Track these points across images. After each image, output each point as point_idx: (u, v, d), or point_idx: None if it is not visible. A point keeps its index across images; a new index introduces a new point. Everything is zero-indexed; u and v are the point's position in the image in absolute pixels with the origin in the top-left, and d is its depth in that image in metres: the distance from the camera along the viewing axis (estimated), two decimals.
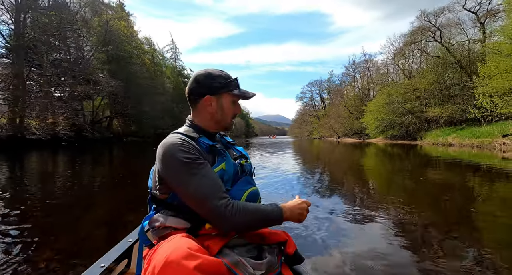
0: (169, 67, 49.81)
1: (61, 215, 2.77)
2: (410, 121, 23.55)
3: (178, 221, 0.75)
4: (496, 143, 13.69)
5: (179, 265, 0.53)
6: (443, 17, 21.56)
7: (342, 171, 6.99)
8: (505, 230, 2.52)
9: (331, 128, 41.89)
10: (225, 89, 0.85)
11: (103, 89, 19.70)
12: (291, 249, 0.82)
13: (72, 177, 5.32)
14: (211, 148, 0.81)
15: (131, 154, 11.80)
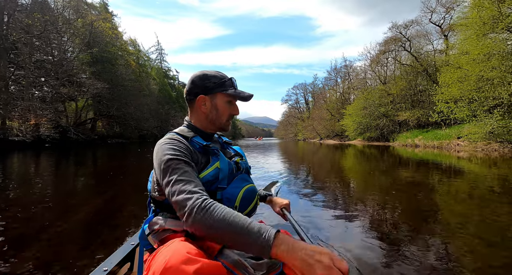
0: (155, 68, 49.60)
1: (37, 220, 2.65)
2: (384, 124, 25.39)
3: (177, 223, 0.75)
4: (452, 144, 15.45)
5: (179, 270, 0.53)
6: (412, 29, 23.62)
7: (323, 170, 7.41)
8: (461, 218, 2.81)
9: (314, 130, 43.58)
10: (219, 89, 0.85)
11: (88, 90, 19.80)
12: None
13: (52, 179, 5.21)
14: (204, 148, 0.81)
15: (115, 156, 11.91)
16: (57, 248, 2.00)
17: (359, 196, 3.83)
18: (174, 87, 60.71)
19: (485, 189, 4.21)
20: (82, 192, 4.10)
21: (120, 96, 24.65)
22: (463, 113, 13.35)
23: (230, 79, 0.88)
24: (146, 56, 47.38)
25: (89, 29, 22.54)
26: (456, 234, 2.28)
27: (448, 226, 2.52)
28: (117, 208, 3.19)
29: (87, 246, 2.02)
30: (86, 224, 2.61)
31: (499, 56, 10.65)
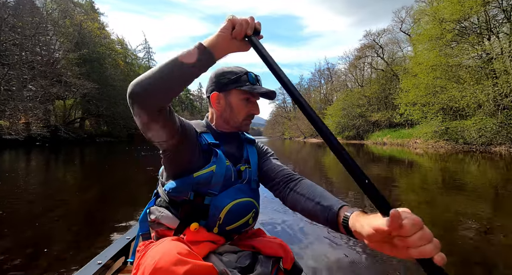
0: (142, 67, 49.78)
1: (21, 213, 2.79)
2: (360, 123, 27.54)
3: (170, 219, 0.74)
4: (411, 142, 17.57)
5: (168, 271, 0.52)
6: (385, 36, 25.80)
7: (306, 168, 7.95)
8: (413, 201, 3.49)
9: (298, 129, 45.55)
10: (234, 85, 0.77)
11: (78, 90, 20.49)
12: (288, 264, 0.74)
13: (43, 175, 5.48)
14: (209, 146, 0.76)
15: (105, 154, 12.53)
16: (48, 242, 2.05)
17: (335, 187, 4.68)
18: None
19: (431, 179, 5.39)
20: (71, 188, 4.27)
21: (109, 95, 25.32)
22: (417, 115, 15.38)
23: (246, 73, 0.78)
24: (133, 54, 47.51)
25: (78, 29, 23.07)
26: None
27: (405, 206, 3.46)
28: (105, 203, 3.36)
29: (78, 239, 2.09)
30: (75, 218, 2.70)
31: (442, 68, 12.62)
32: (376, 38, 25.66)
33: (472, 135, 11.46)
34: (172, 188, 0.73)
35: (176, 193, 0.73)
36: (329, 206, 0.62)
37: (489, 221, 2.70)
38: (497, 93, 10.19)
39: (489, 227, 2.52)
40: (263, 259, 0.71)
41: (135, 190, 4.27)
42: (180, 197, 0.74)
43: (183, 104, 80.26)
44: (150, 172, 5.92)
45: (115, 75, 26.81)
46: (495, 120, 10.61)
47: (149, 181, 4.97)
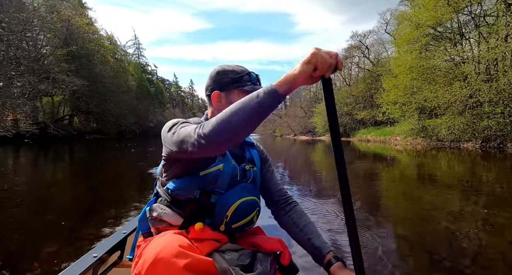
0: (132, 64, 49.13)
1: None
2: (347, 121, 28.54)
3: (173, 216, 0.75)
4: (392, 139, 18.59)
5: (169, 263, 0.53)
6: (371, 37, 26.76)
7: (296, 163, 8.45)
8: (393, 191, 4.09)
9: (289, 127, 46.37)
10: (236, 84, 0.79)
11: (67, 87, 20.41)
12: (286, 260, 0.78)
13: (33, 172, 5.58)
14: None
15: (96, 151, 12.76)
16: (39, 238, 2.08)
17: (320, 181, 5.16)
18: (153, 82, 60.21)
19: (407, 173, 6.06)
20: (63, 184, 4.37)
21: (99, 92, 25.22)
22: (397, 114, 16.33)
23: (248, 73, 0.80)
24: (123, 50, 46.87)
25: (66, 25, 22.81)
26: (387, 202, 3.49)
27: (384, 199, 3.70)
28: (98, 198, 3.45)
29: (68, 235, 2.12)
30: (66, 214, 2.75)
31: (419, 70, 13.52)
32: (362, 39, 26.59)
33: (443, 133, 12.44)
34: (177, 187, 0.74)
35: (182, 191, 0.74)
36: (318, 248, 0.80)
37: (455, 209, 3.13)
38: (463, 94, 11.13)
39: (455, 214, 2.90)
40: (262, 257, 0.73)
41: (126, 185, 4.56)
42: (185, 196, 0.74)
43: (174, 101, 79.64)
44: (141, 167, 6.41)
45: (105, 72, 26.64)
46: (462, 119, 11.58)
47: (140, 176, 5.41)
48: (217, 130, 0.59)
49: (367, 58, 26.66)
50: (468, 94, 10.97)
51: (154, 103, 49.01)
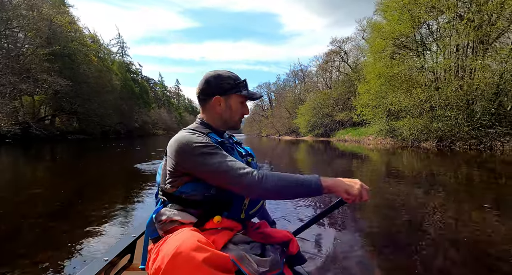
0: (116, 63, 48.34)
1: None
2: (328, 122, 30.08)
3: (185, 215, 0.78)
4: (366, 139, 20.15)
5: (189, 256, 0.55)
6: (349, 43, 28.45)
7: (282, 161, 9.50)
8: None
9: (274, 127, 47.63)
10: (234, 90, 0.89)
11: (50, 87, 20.28)
12: (295, 248, 0.84)
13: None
14: (220, 144, 0.84)
15: (82, 151, 12.92)
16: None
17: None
18: (137, 82, 59.34)
19: (377, 168, 7.00)
20: (52, 185, 4.35)
21: (83, 92, 25.04)
22: (369, 116, 17.82)
23: (244, 80, 0.91)
24: (106, 49, 46.06)
25: (48, 24, 22.56)
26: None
27: None
28: (90, 197, 3.49)
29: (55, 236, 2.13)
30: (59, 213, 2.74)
31: (385, 76, 14.98)
32: (341, 45, 28.25)
33: (405, 134, 13.96)
34: (193, 188, 0.78)
35: (199, 191, 0.78)
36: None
37: (411, 196, 3.71)
38: (419, 99, 12.65)
39: (411, 201, 3.44)
40: (271, 248, 0.78)
41: (115, 185, 4.70)
42: (202, 194, 0.78)
43: (160, 101, 78.65)
44: (129, 166, 7.04)
45: (89, 71, 26.46)
46: (420, 121, 13.11)
47: (129, 174, 5.61)
48: (270, 191, 0.71)
49: (346, 63, 28.35)
50: (423, 99, 12.49)
51: (139, 103, 48.47)
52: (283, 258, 0.81)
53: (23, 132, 18.14)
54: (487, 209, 2.97)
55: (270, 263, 0.72)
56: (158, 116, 58.91)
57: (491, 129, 10.76)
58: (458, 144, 12.29)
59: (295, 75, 48.14)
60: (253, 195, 0.75)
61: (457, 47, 12.29)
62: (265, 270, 0.70)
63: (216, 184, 0.77)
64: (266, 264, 0.71)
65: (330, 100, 30.42)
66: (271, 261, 0.73)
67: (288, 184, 0.73)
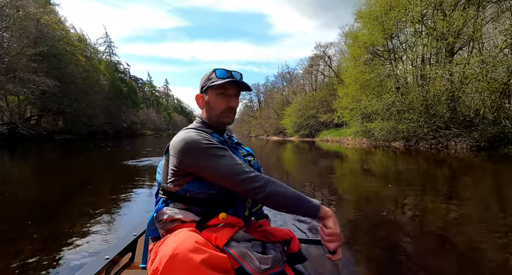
0: (103, 62, 47.87)
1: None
2: (313, 123, 31.43)
3: (187, 214, 0.78)
4: (345, 139, 21.52)
5: (186, 257, 0.55)
6: (333, 48, 29.94)
7: (270, 159, 10.32)
8: (344, 180, 5.59)
9: (262, 128, 48.71)
10: (207, 84, 0.88)
11: (38, 87, 20.35)
12: (296, 247, 0.84)
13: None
14: (222, 143, 0.85)
15: (72, 150, 13.26)
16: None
17: (291, 172, 6.86)
18: (125, 82, 58.80)
19: (352, 165, 8.08)
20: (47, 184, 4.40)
21: (71, 93, 25.10)
22: (347, 118, 19.17)
23: (214, 71, 0.88)
24: (93, 48, 45.58)
25: (35, 24, 22.54)
26: (338, 187, 4.67)
27: (337, 183, 5.03)
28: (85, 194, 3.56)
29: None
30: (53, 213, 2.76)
31: (360, 82, 16.30)
32: (325, 50, 29.69)
33: (376, 134, 15.32)
34: (197, 187, 0.79)
35: (203, 190, 0.79)
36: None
37: (378, 187, 4.47)
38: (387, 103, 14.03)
39: (380, 191, 4.10)
40: (272, 246, 0.79)
41: (113, 182, 4.90)
42: (207, 192, 0.79)
43: (148, 101, 77.97)
44: (123, 164, 7.75)
45: (77, 72, 26.50)
46: (390, 123, 14.48)
47: (124, 172, 5.88)
48: (273, 199, 0.76)
49: (330, 67, 29.78)
50: (391, 103, 13.87)
51: (127, 103, 48.18)
52: (283, 256, 0.80)
53: (10, 132, 18.20)
54: (445, 198, 3.62)
55: (272, 261, 0.72)
56: (147, 116, 58.60)
57: (447, 131, 12.20)
58: (421, 144, 13.72)
59: (283, 77, 49.47)
60: (256, 199, 0.77)
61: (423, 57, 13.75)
62: (266, 267, 0.70)
63: (221, 185, 0.78)
64: (268, 261, 0.71)
65: (315, 102, 31.80)
66: (272, 259, 0.73)
67: (292, 196, 0.76)
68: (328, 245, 0.74)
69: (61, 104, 24.35)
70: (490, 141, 10.71)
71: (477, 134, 11.17)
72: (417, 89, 12.79)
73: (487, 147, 10.79)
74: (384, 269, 1.79)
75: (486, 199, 3.77)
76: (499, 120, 10.46)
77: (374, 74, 14.53)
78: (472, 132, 11.41)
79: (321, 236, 0.77)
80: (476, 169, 6.92)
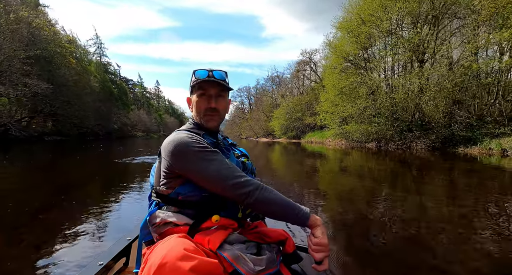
0: (94, 64, 47.90)
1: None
2: (299, 126, 32.92)
3: (180, 217, 0.77)
4: (327, 141, 23.03)
5: (175, 266, 0.55)
6: (318, 54, 31.62)
7: (260, 159, 12.07)
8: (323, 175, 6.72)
9: (252, 130, 49.96)
10: (192, 84, 0.88)
11: (30, 89, 20.84)
12: (291, 247, 0.84)
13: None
14: (216, 145, 0.86)
15: (62, 152, 13.53)
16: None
17: (277, 169, 7.81)
18: (116, 83, 58.71)
19: (331, 163, 9.24)
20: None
21: (63, 95, 25.58)
22: (328, 121, 20.66)
23: (193, 72, 0.87)
24: (83, 49, 45.63)
25: (27, 28, 22.98)
26: (318, 181, 5.57)
27: (320, 178, 5.95)
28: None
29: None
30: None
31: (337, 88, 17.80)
32: (311, 56, 31.32)
33: (351, 136, 16.83)
34: (190, 189, 0.79)
35: (196, 192, 0.79)
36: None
37: (353, 182, 5.18)
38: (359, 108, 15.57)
39: (355, 185, 4.76)
40: (267, 247, 0.78)
41: (105, 183, 4.99)
42: (199, 195, 0.79)
43: (139, 102, 77.80)
44: (116, 164, 8.66)
45: (69, 75, 26.98)
46: (363, 126, 16.00)
47: (117, 172, 6.19)
48: (261, 205, 0.76)
49: (315, 72, 31.41)
50: (362, 108, 15.41)
51: (118, 105, 48.32)
52: (279, 256, 0.80)
53: (2, 134, 18.65)
54: (407, 192, 4.33)
55: (266, 262, 0.72)
56: (138, 117, 58.72)
57: (410, 133, 13.79)
58: (390, 145, 15.28)
59: (272, 80, 50.98)
60: (244, 204, 0.76)
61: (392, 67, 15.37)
62: (261, 269, 0.69)
63: (210, 190, 0.77)
64: (262, 262, 0.71)
65: (301, 106, 33.33)
66: (267, 260, 0.73)
67: (281, 203, 0.76)
68: (314, 254, 0.74)
69: (53, 106, 24.81)
70: (442, 142, 12.33)
71: (434, 136, 12.77)
72: (384, 96, 14.36)
73: (440, 147, 12.40)
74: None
75: (440, 189, 4.54)
76: (450, 124, 12.07)
77: (349, 81, 16.04)
78: (430, 135, 13.01)
79: (309, 245, 0.76)
80: (433, 165, 8.18)
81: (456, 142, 11.78)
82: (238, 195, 0.75)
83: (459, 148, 11.52)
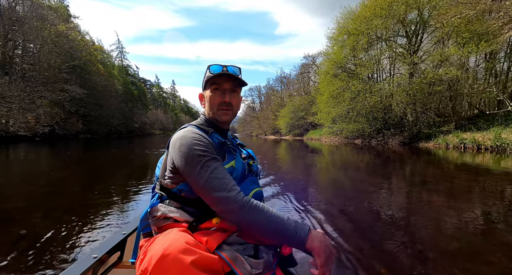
0: (117, 68, 52.45)
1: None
2: (303, 124, 35.30)
3: (181, 214, 0.77)
4: (323, 138, 25.43)
5: (176, 258, 0.55)
6: (320, 57, 33.72)
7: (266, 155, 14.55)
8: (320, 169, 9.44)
9: (260, 128, 52.78)
10: (206, 80, 0.89)
11: (70, 94, 24.97)
12: (287, 250, 0.81)
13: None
14: (222, 145, 0.85)
15: (103, 146, 16.24)
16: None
17: (280, 168, 11.00)
18: (135, 84, 63.33)
19: (326, 157, 11.38)
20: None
21: (96, 99, 29.82)
22: (323, 120, 23.08)
23: (208, 67, 0.87)
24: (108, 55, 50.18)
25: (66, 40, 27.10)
26: (317, 174, 8.12)
27: (315, 176, 8.11)
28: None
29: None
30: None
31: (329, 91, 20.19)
32: (313, 59, 33.53)
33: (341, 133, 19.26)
34: (191, 189, 0.78)
35: (195, 193, 0.77)
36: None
37: (344, 173, 6.72)
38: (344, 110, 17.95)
39: (347, 176, 5.93)
40: (264, 249, 0.78)
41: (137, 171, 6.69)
42: (199, 196, 0.76)
43: (157, 102, 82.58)
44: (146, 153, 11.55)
45: (99, 80, 31.14)
46: (349, 125, 18.39)
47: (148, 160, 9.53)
48: (247, 225, 0.71)
49: (318, 74, 33.53)
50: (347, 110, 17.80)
51: (138, 105, 52.67)
52: (275, 259, 0.80)
53: (49, 132, 22.76)
54: (386, 180, 5.01)
55: (264, 265, 0.72)
56: (155, 117, 63.02)
57: (387, 131, 16.07)
58: (373, 141, 17.59)
59: (280, 81, 53.40)
60: (228, 220, 0.73)
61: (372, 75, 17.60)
62: (258, 272, 0.69)
63: (202, 198, 0.75)
64: (259, 266, 0.71)
65: (304, 105, 35.68)
66: (264, 263, 0.72)
67: (269, 227, 0.70)
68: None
69: (86, 108, 29.02)
70: (410, 138, 14.57)
71: (406, 133, 15.01)
72: (363, 98, 16.71)
73: (408, 143, 14.64)
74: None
75: (409, 176, 5.57)
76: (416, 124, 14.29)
77: (336, 86, 18.45)
78: (403, 132, 15.27)
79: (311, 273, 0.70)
80: (403, 156, 10.03)
81: (420, 138, 14.02)
82: (221, 210, 0.72)
83: (421, 143, 13.78)
